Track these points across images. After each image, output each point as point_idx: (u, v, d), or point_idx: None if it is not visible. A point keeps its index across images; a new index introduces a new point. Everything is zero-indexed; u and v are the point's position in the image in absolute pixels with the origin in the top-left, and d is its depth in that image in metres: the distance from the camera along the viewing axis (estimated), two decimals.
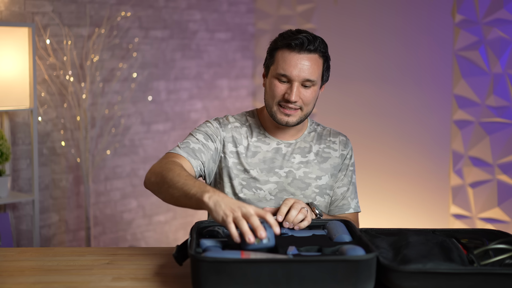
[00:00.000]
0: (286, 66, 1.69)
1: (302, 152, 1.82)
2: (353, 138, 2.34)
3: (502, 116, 3.09)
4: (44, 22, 3.31)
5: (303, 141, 1.84)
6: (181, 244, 1.45)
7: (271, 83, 1.73)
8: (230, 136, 1.81)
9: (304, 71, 1.68)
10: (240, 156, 1.79)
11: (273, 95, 1.72)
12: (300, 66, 1.68)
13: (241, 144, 1.80)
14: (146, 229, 3.93)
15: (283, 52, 1.70)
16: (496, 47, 3.08)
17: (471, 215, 3.27)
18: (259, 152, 1.80)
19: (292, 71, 1.68)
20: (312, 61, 1.70)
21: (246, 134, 1.82)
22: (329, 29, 3.96)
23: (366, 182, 3.70)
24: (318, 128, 1.88)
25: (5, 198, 2.99)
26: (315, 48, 1.69)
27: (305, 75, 1.69)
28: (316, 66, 1.71)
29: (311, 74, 1.69)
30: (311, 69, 1.69)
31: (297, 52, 1.68)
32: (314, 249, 1.39)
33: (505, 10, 3.04)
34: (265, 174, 1.78)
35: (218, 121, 1.84)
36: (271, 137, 1.82)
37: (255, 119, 1.85)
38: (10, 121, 3.18)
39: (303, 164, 1.80)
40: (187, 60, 4.06)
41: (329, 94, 4.00)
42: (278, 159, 1.80)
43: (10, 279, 1.43)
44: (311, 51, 1.69)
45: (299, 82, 1.69)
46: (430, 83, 3.47)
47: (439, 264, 1.26)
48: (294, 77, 1.69)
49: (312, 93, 1.72)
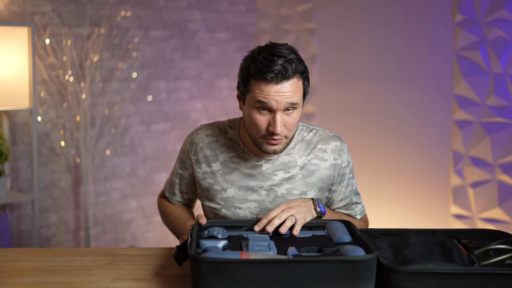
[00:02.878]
0: (265, 96, 1.54)
1: (285, 167, 1.70)
2: (353, 138, 2.33)
3: (502, 116, 3.09)
4: (43, 21, 3.31)
5: (286, 155, 1.71)
6: (181, 245, 1.45)
7: (251, 114, 1.59)
8: (202, 156, 1.74)
9: (285, 98, 1.55)
10: (216, 174, 1.72)
11: (256, 127, 1.59)
12: (280, 95, 1.54)
13: (217, 161, 1.73)
14: (146, 229, 3.92)
15: (259, 83, 1.55)
16: (497, 47, 3.08)
17: (472, 215, 3.26)
18: (237, 169, 1.71)
19: (272, 102, 1.54)
20: (293, 86, 1.56)
21: (224, 149, 1.73)
22: (329, 29, 3.95)
23: (366, 182, 3.70)
24: (307, 135, 1.75)
25: (4, 198, 2.99)
26: (293, 73, 1.55)
27: (287, 102, 1.55)
28: (297, 89, 1.57)
29: (293, 98, 1.56)
30: (293, 93, 1.56)
31: (274, 83, 1.54)
32: (314, 250, 1.39)
33: (506, 10, 3.03)
34: (243, 192, 1.70)
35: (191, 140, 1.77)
36: (251, 153, 1.71)
37: (235, 132, 1.74)
38: (10, 121, 3.18)
39: (286, 181, 1.70)
40: (187, 60, 4.06)
41: (329, 94, 4.00)
42: (257, 177, 1.70)
43: (9, 280, 1.43)
44: (290, 77, 1.55)
45: (282, 110, 1.56)
46: (430, 83, 3.47)
47: (440, 265, 1.26)
48: (276, 106, 1.55)
49: (296, 116, 1.59)
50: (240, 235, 1.47)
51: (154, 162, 3.92)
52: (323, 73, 4.02)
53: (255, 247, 1.35)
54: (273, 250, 1.34)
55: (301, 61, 1.60)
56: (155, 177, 3.93)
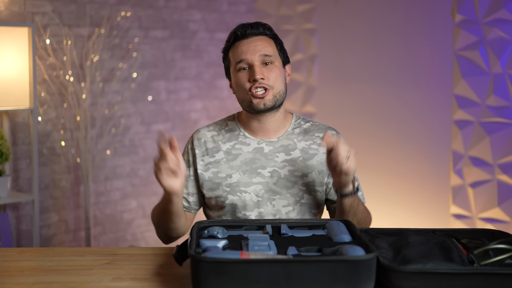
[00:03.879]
0: (240, 53, 1.74)
1: (285, 150, 1.79)
2: (353, 138, 2.34)
3: (502, 116, 3.09)
4: (44, 22, 3.31)
5: (286, 138, 1.80)
6: (181, 244, 1.45)
7: (235, 78, 1.76)
8: (204, 149, 1.80)
9: (257, 49, 1.73)
10: (220, 162, 1.78)
11: (242, 85, 1.74)
12: (252, 47, 1.73)
13: (220, 150, 1.79)
14: (146, 229, 3.93)
15: (233, 46, 1.77)
16: (496, 47, 3.08)
17: (471, 215, 3.26)
18: (240, 154, 1.78)
19: (247, 53, 1.73)
20: (262, 40, 1.76)
21: (226, 139, 1.81)
22: (329, 29, 3.96)
23: (366, 182, 3.69)
24: (304, 125, 1.84)
25: (5, 198, 2.99)
26: (260, 32, 1.76)
27: (260, 52, 1.73)
28: (268, 44, 1.76)
29: (266, 49, 1.74)
30: (264, 45, 1.75)
31: (244, 38, 1.75)
32: (314, 249, 1.39)
33: (505, 10, 3.04)
34: (247, 176, 1.76)
35: (193, 138, 1.84)
36: (251, 137, 1.80)
37: (235, 122, 1.84)
38: (10, 121, 3.18)
39: (288, 162, 1.77)
40: (187, 60, 4.06)
41: (329, 94, 4.01)
42: (260, 159, 1.77)
43: (10, 279, 1.43)
44: (257, 34, 1.76)
45: (258, 62, 1.73)
46: (430, 83, 3.47)
47: (439, 264, 1.26)
48: (251, 57, 1.73)
49: (275, 69, 1.74)
50: (240, 235, 1.47)
51: None
52: (323, 73, 4.02)
53: (255, 246, 1.36)
54: (273, 250, 1.35)
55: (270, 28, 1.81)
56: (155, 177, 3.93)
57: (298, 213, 1.76)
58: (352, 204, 1.69)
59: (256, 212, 1.75)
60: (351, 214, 1.69)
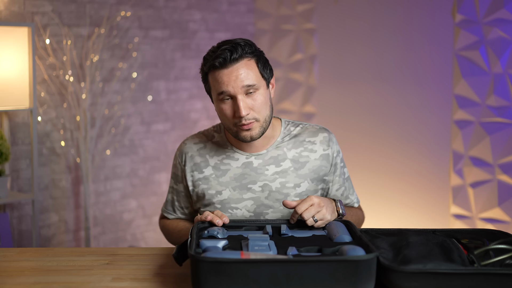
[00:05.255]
0: (220, 85, 1.62)
1: (275, 161, 1.73)
2: (353, 138, 2.33)
3: (502, 116, 3.09)
4: (43, 22, 3.31)
5: (275, 149, 1.74)
6: (181, 244, 1.45)
7: (218, 107, 1.66)
8: (192, 164, 1.77)
9: (239, 79, 1.61)
10: (209, 178, 1.74)
11: (225, 118, 1.65)
12: (233, 78, 1.61)
13: (208, 166, 1.75)
14: (146, 229, 3.93)
15: (213, 74, 1.64)
16: (497, 47, 3.08)
17: (472, 215, 3.26)
18: (229, 170, 1.73)
19: (228, 86, 1.61)
20: (243, 67, 1.62)
21: (213, 153, 1.77)
22: (329, 29, 3.96)
23: (366, 182, 3.70)
24: (294, 130, 1.78)
25: (4, 198, 2.99)
26: (240, 56, 1.62)
27: (242, 83, 1.61)
28: (251, 70, 1.63)
29: (248, 79, 1.62)
30: (245, 74, 1.62)
31: (225, 68, 1.62)
32: (314, 250, 1.39)
33: (506, 10, 3.04)
34: (238, 192, 1.72)
35: (180, 152, 1.81)
36: (240, 152, 1.74)
37: (221, 135, 1.79)
38: (10, 121, 3.18)
39: (278, 174, 1.72)
40: (187, 60, 4.06)
41: (329, 94, 4.00)
42: (250, 174, 1.72)
43: (9, 279, 1.43)
44: (237, 59, 1.62)
45: (242, 93, 1.62)
46: (430, 83, 3.47)
47: (440, 265, 1.26)
48: (233, 91, 1.61)
49: (259, 97, 1.64)
50: (240, 235, 1.47)
51: (154, 162, 3.92)
52: (323, 73, 4.02)
53: (255, 247, 1.36)
54: (273, 250, 1.35)
55: (250, 44, 1.67)
56: (155, 177, 3.94)
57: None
58: None
59: None
60: None
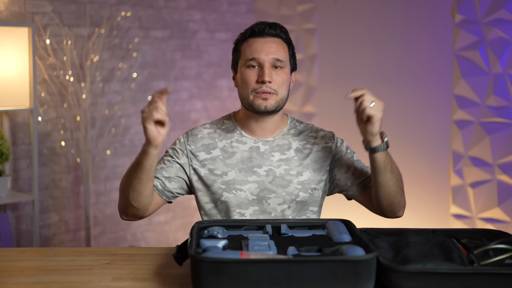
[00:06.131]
0: (253, 50, 1.74)
1: (281, 149, 1.81)
2: (353, 138, 2.33)
3: (502, 116, 3.09)
4: (44, 22, 3.31)
5: (281, 138, 1.83)
6: (181, 244, 1.45)
7: (242, 73, 1.76)
8: (200, 145, 1.80)
9: (271, 51, 1.73)
10: (216, 159, 1.79)
11: (247, 83, 1.74)
12: (267, 47, 1.73)
13: (216, 147, 1.80)
14: (146, 229, 3.93)
15: (248, 41, 1.76)
16: (496, 47, 3.08)
17: (471, 215, 3.27)
18: (237, 152, 1.79)
19: (260, 53, 1.73)
20: (277, 43, 1.75)
21: (222, 137, 1.82)
22: (329, 29, 3.96)
23: None
24: (299, 126, 1.88)
25: (5, 198, 2.99)
26: (276, 33, 1.76)
27: (273, 55, 1.73)
28: (282, 48, 1.76)
29: (279, 53, 1.74)
30: (278, 49, 1.74)
31: (261, 36, 1.75)
32: (314, 249, 1.39)
33: (505, 10, 3.04)
34: (243, 174, 1.77)
35: (190, 133, 1.84)
36: (248, 136, 1.82)
37: (231, 121, 1.85)
38: (10, 121, 3.18)
39: (283, 162, 1.79)
40: (187, 60, 4.06)
41: (329, 94, 4.00)
42: (256, 158, 1.79)
43: (10, 279, 1.43)
44: (274, 35, 1.76)
45: (269, 63, 1.73)
46: (430, 83, 3.47)
47: (439, 264, 1.26)
48: (263, 58, 1.72)
49: (283, 75, 1.74)
50: (240, 235, 1.48)
51: None
52: (323, 73, 4.02)
53: (255, 246, 1.36)
54: (273, 250, 1.35)
55: (286, 32, 1.80)
56: None
57: (293, 211, 1.78)
58: (386, 160, 1.69)
59: (251, 210, 1.76)
60: (388, 172, 1.70)
